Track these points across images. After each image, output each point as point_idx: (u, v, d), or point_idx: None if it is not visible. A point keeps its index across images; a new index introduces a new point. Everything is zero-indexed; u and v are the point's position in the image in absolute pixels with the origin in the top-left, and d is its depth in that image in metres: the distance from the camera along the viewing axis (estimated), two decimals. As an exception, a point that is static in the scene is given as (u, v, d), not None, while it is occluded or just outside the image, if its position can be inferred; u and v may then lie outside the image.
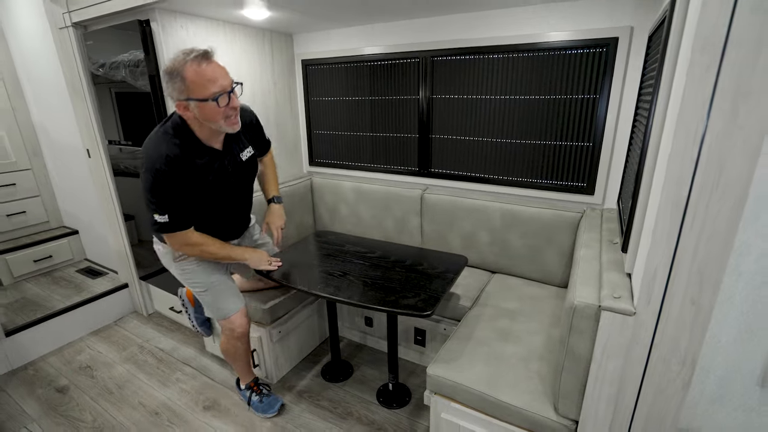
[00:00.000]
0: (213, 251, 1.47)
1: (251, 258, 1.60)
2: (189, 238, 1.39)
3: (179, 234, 1.36)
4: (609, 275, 1.17)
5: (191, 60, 1.17)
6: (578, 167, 1.83)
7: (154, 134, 1.31)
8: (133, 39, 1.94)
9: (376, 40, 2.19)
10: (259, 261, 1.62)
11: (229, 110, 1.26)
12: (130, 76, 2.54)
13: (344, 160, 2.55)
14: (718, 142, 0.82)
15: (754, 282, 0.88)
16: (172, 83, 1.20)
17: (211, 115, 1.24)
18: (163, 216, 1.30)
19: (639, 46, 1.58)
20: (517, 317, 1.69)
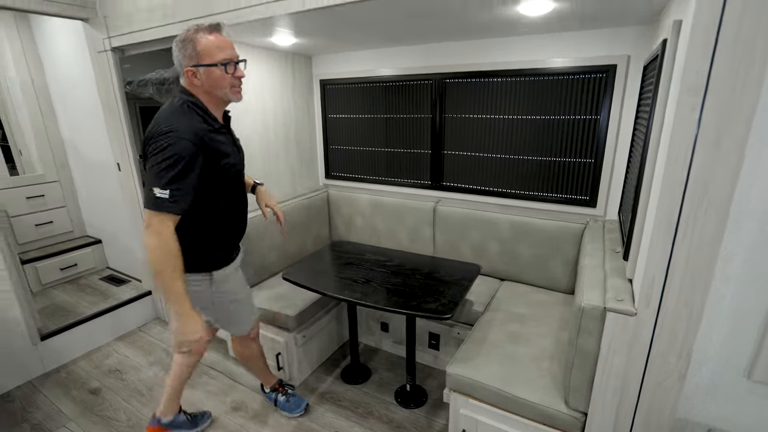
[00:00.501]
0: (168, 268, 1.20)
1: (187, 324, 1.26)
2: (167, 230, 1.19)
3: (165, 218, 1.18)
4: (612, 281, 1.31)
5: (203, 30, 1.23)
6: (581, 182, 1.99)
7: (171, 108, 1.25)
8: (160, 59, 2.10)
9: (391, 62, 2.36)
10: (189, 333, 1.27)
11: (235, 79, 1.29)
12: (157, 93, 2.71)
13: (360, 174, 2.70)
14: (703, 167, 0.97)
15: (739, 285, 1.03)
16: (183, 50, 1.22)
17: (218, 81, 1.25)
18: (164, 191, 1.15)
19: (635, 73, 1.74)
20: (527, 321, 1.82)
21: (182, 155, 1.17)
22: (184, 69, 1.25)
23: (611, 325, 1.18)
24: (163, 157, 1.16)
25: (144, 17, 1.95)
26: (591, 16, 1.57)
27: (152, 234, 1.18)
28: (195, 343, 1.29)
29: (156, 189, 1.15)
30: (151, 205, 1.17)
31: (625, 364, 1.20)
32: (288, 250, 2.44)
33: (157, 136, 1.18)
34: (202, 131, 1.23)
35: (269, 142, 2.41)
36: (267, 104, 2.36)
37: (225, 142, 1.34)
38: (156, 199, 1.16)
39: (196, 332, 1.28)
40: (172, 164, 1.16)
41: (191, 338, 1.27)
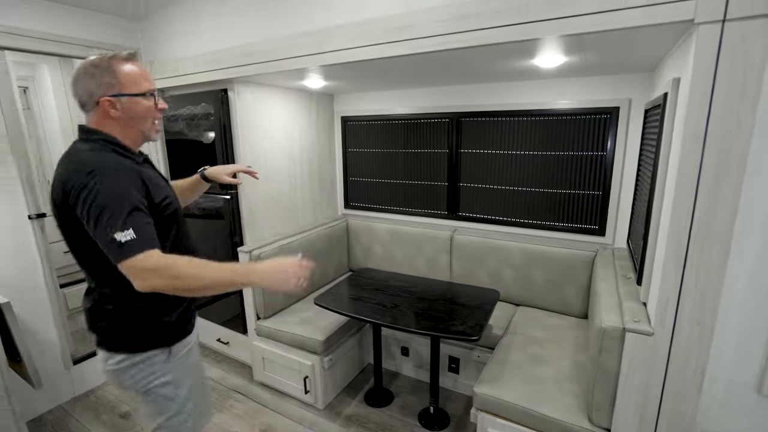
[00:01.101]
0: (199, 275, 0.98)
1: (271, 274, 1.04)
2: (159, 260, 0.95)
3: (149, 255, 0.94)
4: (628, 304, 1.44)
5: (120, 58, 1.07)
6: (590, 212, 2.14)
7: (89, 149, 1.05)
8: (189, 97, 2.29)
9: (409, 101, 2.56)
10: (288, 276, 1.05)
11: (158, 112, 1.14)
12: (186, 128, 2.89)
13: (378, 204, 2.85)
14: (706, 202, 1.12)
15: (744, 307, 1.16)
16: (98, 78, 1.03)
17: (143, 113, 1.09)
18: (126, 231, 0.92)
19: (636, 114, 1.93)
20: (544, 344, 1.92)
21: (118, 187, 0.97)
22: (98, 99, 1.04)
23: (630, 344, 1.30)
24: (97, 198, 0.94)
25: (191, 63, 2.15)
26: (596, 66, 1.77)
27: (151, 274, 0.93)
28: (298, 276, 1.05)
29: (116, 234, 0.92)
30: (124, 254, 0.92)
31: (645, 381, 1.31)
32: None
33: (84, 182, 0.95)
34: (130, 166, 1.05)
35: (295, 175, 2.57)
36: (294, 140, 2.54)
37: (156, 177, 1.16)
38: (123, 245, 0.92)
39: (287, 268, 1.05)
40: (115, 200, 0.95)
41: (296, 272, 1.05)
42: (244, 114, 2.18)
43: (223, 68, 2.01)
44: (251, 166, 1.60)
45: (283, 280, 1.04)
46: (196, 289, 0.99)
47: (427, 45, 1.45)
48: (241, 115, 2.17)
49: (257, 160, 2.29)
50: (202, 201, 2.40)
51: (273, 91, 2.35)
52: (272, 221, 2.44)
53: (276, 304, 2.30)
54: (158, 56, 2.37)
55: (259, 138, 2.29)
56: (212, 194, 2.34)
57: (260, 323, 2.26)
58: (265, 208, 2.37)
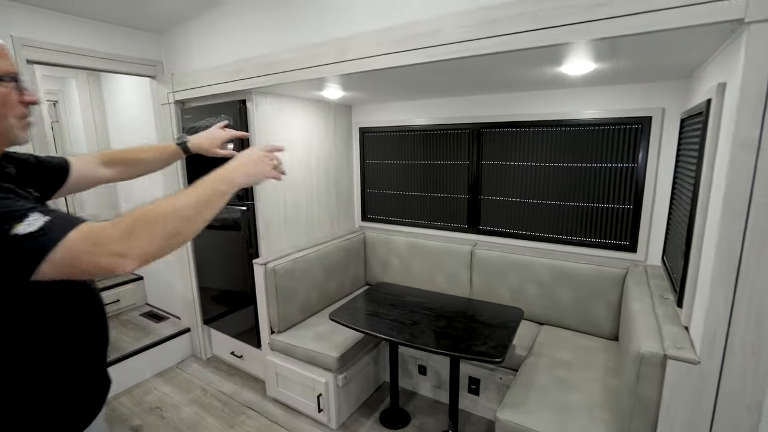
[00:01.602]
0: (175, 202, 0.73)
1: (248, 166, 0.88)
2: (114, 223, 0.67)
3: (88, 225, 0.66)
4: (668, 327, 1.32)
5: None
6: (620, 227, 2.02)
7: None
8: (208, 109, 2.29)
9: (429, 112, 2.51)
10: (263, 164, 0.92)
11: (24, 107, 0.79)
12: (207, 140, 2.87)
13: (396, 217, 2.79)
14: (761, 217, 1.01)
15: (805, 335, 1.03)
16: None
17: (2, 106, 0.74)
18: (30, 217, 0.63)
19: (670, 124, 1.82)
20: (572, 367, 1.80)
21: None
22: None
23: (673, 373, 1.18)
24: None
25: (209, 74, 2.16)
26: (628, 73, 1.68)
27: (120, 246, 0.64)
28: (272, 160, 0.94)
29: (18, 228, 0.61)
30: (48, 242, 0.61)
31: (689, 415, 1.18)
32: (328, 289, 2.50)
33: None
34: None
35: (312, 187, 2.54)
36: (311, 151, 2.51)
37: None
38: (37, 233, 0.61)
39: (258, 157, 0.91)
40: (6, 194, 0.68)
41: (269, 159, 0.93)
42: (263, 125, 2.17)
43: (242, 79, 2.01)
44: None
45: (260, 170, 0.91)
46: (188, 220, 0.72)
47: (452, 51, 1.39)
48: (259, 126, 2.16)
49: (274, 171, 2.27)
50: (222, 211, 2.38)
51: (291, 102, 2.34)
52: (289, 233, 2.40)
53: (291, 317, 2.24)
54: (178, 68, 2.40)
55: (277, 148, 2.27)
56: (230, 205, 2.32)
57: (274, 337, 2.20)
58: (281, 219, 2.34)
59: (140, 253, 0.66)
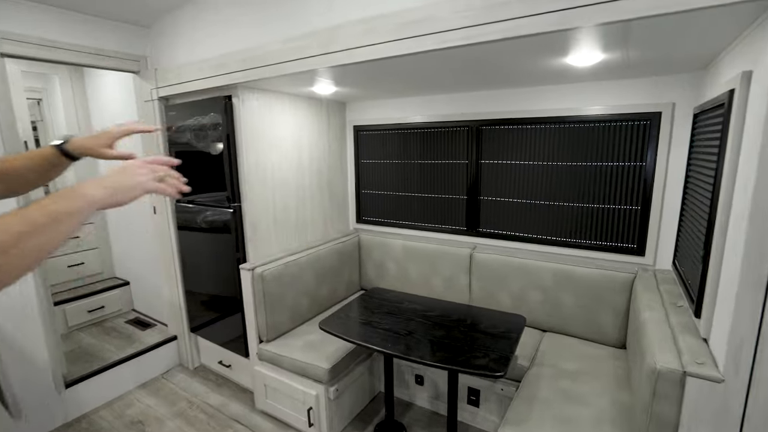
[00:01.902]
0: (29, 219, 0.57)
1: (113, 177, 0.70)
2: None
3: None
4: (685, 339, 1.21)
5: None
6: (627, 229, 1.91)
7: None
8: (196, 106, 2.17)
9: (426, 109, 2.40)
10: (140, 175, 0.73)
11: None
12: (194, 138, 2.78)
13: (392, 218, 2.67)
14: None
15: None
16: None
17: None
18: None
19: (682, 120, 1.71)
20: (578, 378, 1.69)
21: None
22: None
23: (693, 391, 1.07)
24: None
25: (194, 69, 2.04)
26: (637, 66, 1.57)
27: None
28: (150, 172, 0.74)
29: None
30: None
31: (713, 438, 1.07)
32: (319, 295, 2.38)
33: None
34: None
35: (303, 186, 2.43)
36: (303, 150, 2.40)
37: None
38: None
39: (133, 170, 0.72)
40: None
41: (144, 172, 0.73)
42: (249, 122, 2.06)
43: (226, 73, 1.89)
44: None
45: (132, 183, 0.71)
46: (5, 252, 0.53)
47: (449, 39, 1.28)
48: (245, 123, 2.04)
49: (264, 171, 2.15)
50: (210, 214, 2.27)
51: (280, 98, 2.22)
52: (278, 236, 2.29)
53: (280, 325, 2.13)
54: (162, 63, 2.28)
55: (266, 147, 2.16)
56: (218, 207, 2.21)
57: (262, 347, 2.08)
58: (270, 221, 2.23)
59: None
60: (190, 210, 2.38)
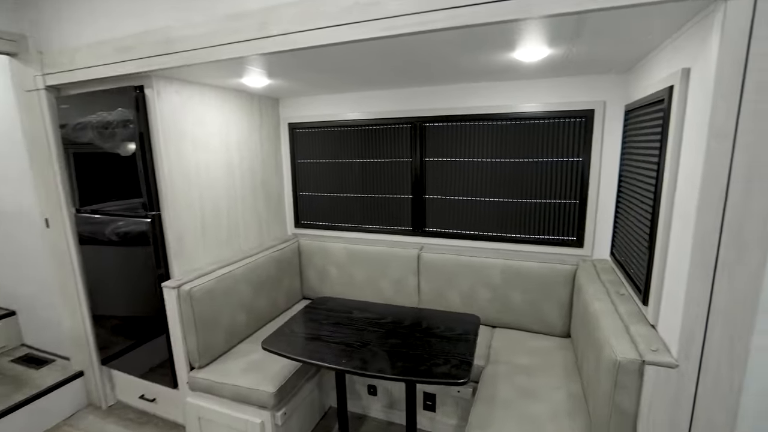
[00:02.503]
0: None
1: None
2: None
3: None
4: (636, 328, 1.25)
5: None
6: (567, 223, 1.99)
7: None
8: (99, 100, 1.84)
9: (366, 106, 2.29)
10: None
11: None
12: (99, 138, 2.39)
13: (334, 222, 2.53)
14: (738, 212, 0.95)
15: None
16: None
17: None
18: None
19: (613, 116, 1.81)
20: (532, 373, 1.70)
21: None
22: None
23: (651, 379, 1.10)
24: None
25: (92, 53, 1.71)
26: (574, 65, 1.61)
27: None
28: None
29: None
30: None
31: (669, 420, 1.11)
32: (258, 308, 2.15)
33: None
34: None
35: (235, 188, 2.18)
36: (232, 148, 2.15)
37: None
38: None
39: None
40: None
41: None
42: (168, 117, 1.78)
43: (136, 59, 1.61)
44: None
45: None
46: None
47: (396, 26, 1.18)
48: (164, 119, 1.76)
49: (187, 174, 1.88)
50: (122, 224, 1.93)
51: (204, 91, 1.97)
52: (207, 247, 2.02)
53: (215, 347, 1.87)
54: (50, 45, 1.89)
55: (189, 146, 1.89)
56: (130, 216, 1.89)
57: (194, 374, 1.82)
58: (198, 230, 1.96)
59: None
60: (95, 221, 2.01)
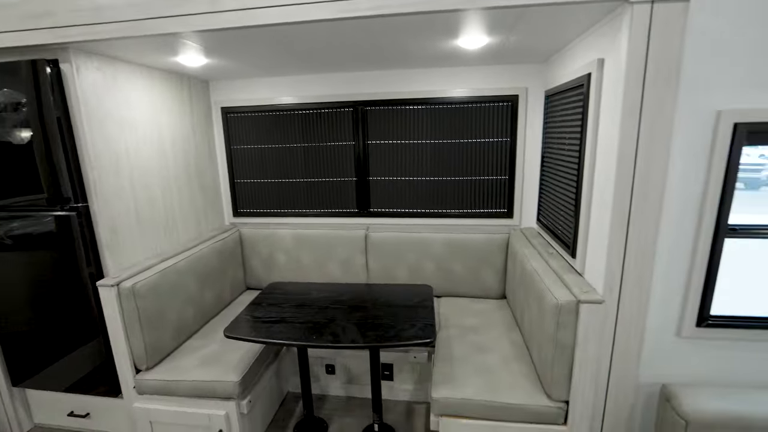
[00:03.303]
0: None
1: None
2: None
3: None
4: (568, 277, 1.49)
5: None
6: (499, 196, 2.24)
7: None
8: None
9: (303, 89, 2.28)
10: None
11: None
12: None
13: (276, 208, 2.48)
14: (642, 174, 1.21)
15: (665, 261, 1.29)
16: None
17: None
18: None
19: (534, 101, 2.08)
20: (479, 330, 1.92)
21: None
22: None
23: (585, 315, 1.34)
24: None
25: (-14, 19, 1.45)
26: (503, 53, 1.82)
27: None
28: None
29: None
30: None
31: (598, 347, 1.37)
32: (205, 302, 2.05)
33: None
34: None
35: (169, 174, 2.02)
36: (163, 129, 1.99)
37: None
38: None
39: None
40: None
41: None
42: (91, 97, 1.58)
43: (49, 28, 1.40)
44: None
45: None
46: None
47: (356, 9, 1.23)
48: (86, 99, 1.56)
49: (117, 158, 1.70)
50: (17, 226, 1.67)
51: (130, 69, 1.78)
52: (144, 239, 1.86)
53: (163, 346, 1.75)
54: None
55: (117, 129, 1.71)
56: (35, 212, 1.64)
57: (142, 377, 1.68)
58: (133, 221, 1.79)
59: None
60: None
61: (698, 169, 1.25)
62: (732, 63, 1.17)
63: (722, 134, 1.21)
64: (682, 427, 1.24)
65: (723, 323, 1.33)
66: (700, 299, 1.33)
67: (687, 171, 1.26)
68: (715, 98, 1.20)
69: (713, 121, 1.22)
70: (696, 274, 1.31)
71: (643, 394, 1.42)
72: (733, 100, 1.20)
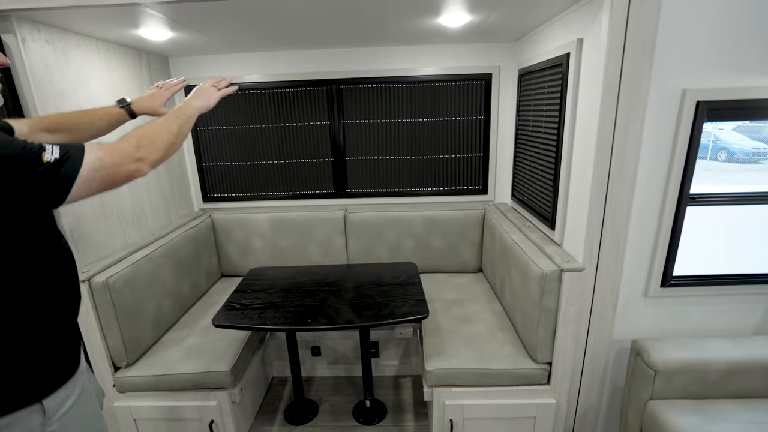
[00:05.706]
0: (168, 125, 0.96)
1: (200, 96, 1.14)
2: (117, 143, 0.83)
3: (108, 146, 0.80)
4: (548, 248, 1.59)
5: None
6: (474, 173, 2.30)
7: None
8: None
9: (271, 67, 2.18)
10: (210, 92, 1.17)
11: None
12: None
13: (250, 192, 2.39)
14: (618, 150, 1.30)
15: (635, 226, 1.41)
16: None
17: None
18: (48, 149, 0.72)
19: (507, 79, 2.13)
20: (462, 303, 2.00)
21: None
22: None
23: (568, 282, 1.44)
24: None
25: None
26: (481, 31, 1.84)
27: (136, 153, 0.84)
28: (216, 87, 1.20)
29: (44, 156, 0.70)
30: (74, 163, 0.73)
31: (578, 310, 1.48)
32: (182, 292, 1.96)
33: None
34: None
35: (133, 162, 1.88)
36: (124, 114, 1.83)
37: None
38: (63, 157, 0.72)
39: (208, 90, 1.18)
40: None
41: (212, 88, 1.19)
42: (42, 73, 1.42)
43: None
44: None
45: (209, 96, 1.16)
46: (176, 135, 0.97)
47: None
48: (35, 76, 1.39)
49: (74, 144, 1.55)
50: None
51: (84, 43, 1.61)
52: (112, 229, 1.72)
53: (142, 340, 1.66)
54: None
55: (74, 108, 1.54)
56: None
57: (123, 375, 1.60)
58: (98, 209, 1.65)
59: (152, 159, 0.87)
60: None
61: (665, 144, 1.36)
62: (696, 44, 1.27)
63: (687, 111, 1.32)
64: (651, 376, 1.39)
65: (684, 282, 1.49)
66: (665, 262, 1.47)
67: (655, 145, 1.36)
68: (681, 78, 1.30)
69: (679, 99, 1.32)
70: (661, 240, 1.44)
71: (615, 350, 1.57)
72: (697, 80, 1.31)
